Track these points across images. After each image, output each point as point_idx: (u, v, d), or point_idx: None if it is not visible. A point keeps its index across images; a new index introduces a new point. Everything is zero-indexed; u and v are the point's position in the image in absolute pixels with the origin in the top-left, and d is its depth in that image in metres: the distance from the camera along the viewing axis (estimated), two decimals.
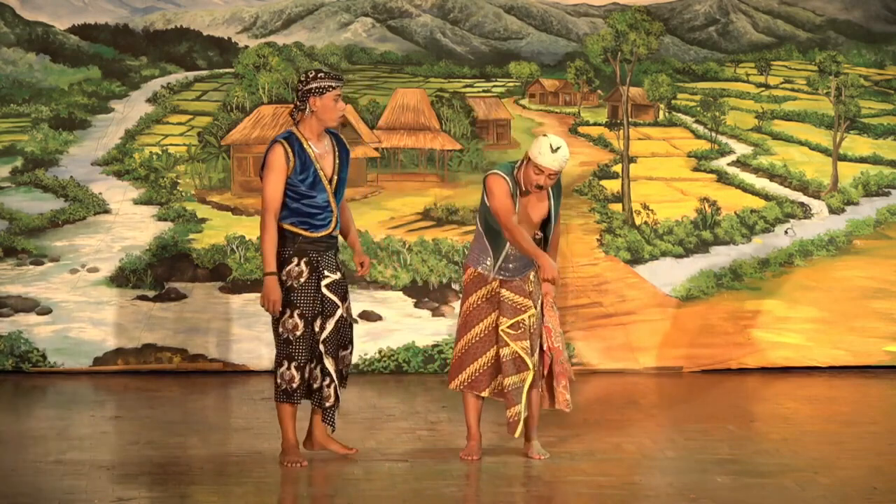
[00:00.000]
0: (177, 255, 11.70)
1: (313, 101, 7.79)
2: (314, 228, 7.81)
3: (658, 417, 9.83)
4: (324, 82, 7.80)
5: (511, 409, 8.01)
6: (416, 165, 12.12)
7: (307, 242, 7.81)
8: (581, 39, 12.28)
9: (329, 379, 7.80)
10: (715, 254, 12.13)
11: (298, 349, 7.77)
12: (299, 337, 7.77)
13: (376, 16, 12.22)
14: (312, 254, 7.82)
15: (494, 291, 8.09)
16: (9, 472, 7.63)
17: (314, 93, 7.79)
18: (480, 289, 8.13)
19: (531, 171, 7.97)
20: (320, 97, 7.79)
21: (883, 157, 12.40)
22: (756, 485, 7.48)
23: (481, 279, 8.13)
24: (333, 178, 7.88)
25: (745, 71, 12.49)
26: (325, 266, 7.86)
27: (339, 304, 7.85)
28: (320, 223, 7.83)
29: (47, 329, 11.52)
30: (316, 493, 7.22)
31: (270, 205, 7.77)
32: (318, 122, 7.85)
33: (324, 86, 7.80)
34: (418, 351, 11.74)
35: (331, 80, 7.83)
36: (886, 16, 12.57)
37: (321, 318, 7.81)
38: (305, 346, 7.77)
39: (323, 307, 7.82)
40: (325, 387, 7.81)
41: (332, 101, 7.81)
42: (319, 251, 7.84)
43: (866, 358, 12.04)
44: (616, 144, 12.21)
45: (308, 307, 7.78)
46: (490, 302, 8.09)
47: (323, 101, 7.80)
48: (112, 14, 11.93)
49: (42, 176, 11.72)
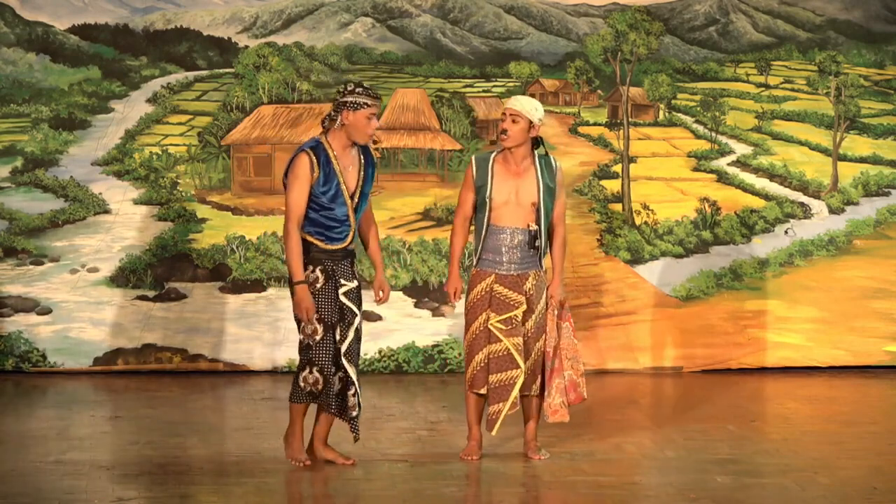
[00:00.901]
0: (177, 255, 11.70)
1: (346, 114, 7.73)
2: (330, 241, 7.79)
3: (658, 417, 9.83)
4: (360, 98, 7.74)
5: (492, 405, 8.00)
6: (416, 165, 12.12)
7: (322, 252, 7.79)
8: (581, 39, 12.28)
9: (353, 388, 7.77)
10: (715, 254, 12.13)
11: (318, 353, 7.73)
12: (319, 342, 7.74)
13: (376, 16, 12.22)
14: (328, 262, 7.80)
15: (489, 287, 8.10)
16: (9, 472, 7.63)
17: (349, 106, 7.73)
18: (477, 285, 8.16)
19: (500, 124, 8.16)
20: (354, 112, 7.73)
21: (883, 157, 12.40)
22: (756, 485, 7.48)
23: (478, 276, 8.16)
24: (356, 193, 7.84)
25: (745, 71, 12.49)
26: (342, 274, 7.83)
27: (357, 312, 7.83)
28: (337, 236, 7.80)
29: (47, 329, 11.52)
30: (316, 493, 7.22)
31: (293, 213, 7.73)
32: (348, 137, 7.79)
33: (359, 102, 7.74)
34: (418, 351, 11.74)
35: (367, 97, 7.76)
36: (886, 16, 12.57)
37: (341, 327, 7.78)
38: (325, 351, 7.74)
39: (342, 315, 7.78)
40: (350, 396, 7.78)
41: (364, 118, 7.74)
42: (335, 260, 7.82)
43: (866, 358, 12.04)
44: (616, 144, 12.21)
45: (327, 313, 7.75)
46: (484, 299, 8.10)
47: (356, 116, 7.74)
48: (112, 14, 11.93)
49: (42, 176, 11.72)
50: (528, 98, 8.19)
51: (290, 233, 7.72)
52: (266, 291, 11.73)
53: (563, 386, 8.15)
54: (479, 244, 8.16)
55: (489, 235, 8.12)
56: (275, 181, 11.87)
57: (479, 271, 8.15)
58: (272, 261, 11.72)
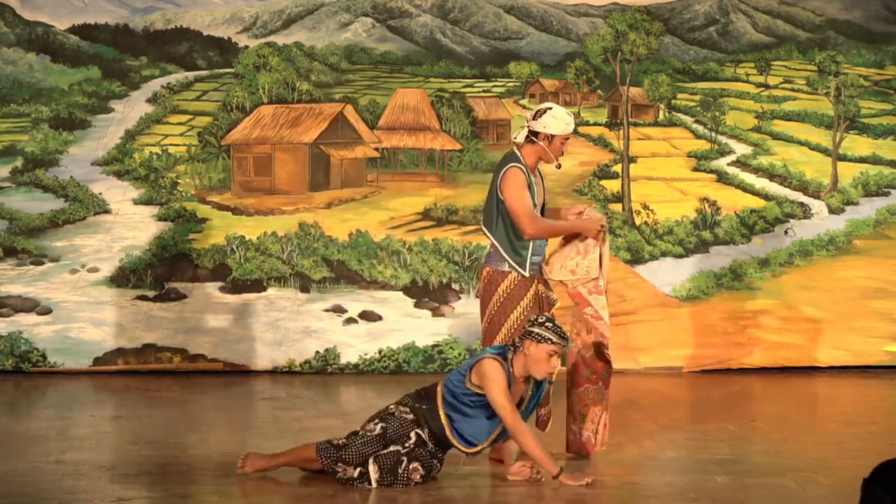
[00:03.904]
0: (177, 255, 11.70)
1: (529, 344, 7.42)
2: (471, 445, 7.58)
3: (658, 417, 9.82)
4: (546, 333, 7.41)
5: (543, 408, 8.01)
6: (416, 165, 12.12)
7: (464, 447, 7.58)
8: (581, 39, 12.28)
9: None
10: (715, 254, 12.14)
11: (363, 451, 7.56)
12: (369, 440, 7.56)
13: (376, 16, 12.22)
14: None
15: (536, 291, 8.01)
16: (9, 472, 7.62)
17: (533, 337, 7.42)
18: (528, 291, 7.97)
19: (559, 146, 7.97)
20: (537, 344, 7.42)
21: (883, 157, 12.40)
22: (756, 485, 7.47)
23: (527, 282, 7.96)
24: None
25: (745, 71, 12.49)
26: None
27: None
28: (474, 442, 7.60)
29: (47, 329, 11.52)
30: (316, 494, 7.21)
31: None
32: (525, 367, 7.47)
33: (544, 336, 7.41)
34: (418, 351, 11.74)
35: (555, 335, 7.42)
36: (886, 16, 12.57)
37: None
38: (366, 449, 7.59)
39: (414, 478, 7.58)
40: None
41: (546, 353, 7.41)
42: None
43: (866, 358, 12.04)
44: (616, 144, 12.21)
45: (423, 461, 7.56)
46: (536, 308, 7.95)
47: (538, 349, 7.42)
48: (112, 14, 11.93)
49: (42, 176, 11.72)
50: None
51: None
52: (266, 291, 11.73)
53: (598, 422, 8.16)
54: (525, 249, 8.00)
55: (536, 252, 8.05)
56: (274, 181, 11.88)
57: (525, 278, 7.95)
58: (272, 261, 11.73)
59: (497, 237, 7.96)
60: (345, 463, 7.33)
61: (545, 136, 7.97)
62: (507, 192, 7.91)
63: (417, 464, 7.30)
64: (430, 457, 7.38)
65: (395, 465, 7.27)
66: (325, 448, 7.39)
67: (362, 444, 7.36)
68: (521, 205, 7.89)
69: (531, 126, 8.01)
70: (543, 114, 7.99)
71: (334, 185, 12.00)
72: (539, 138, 7.98)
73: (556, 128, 7.95)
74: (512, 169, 7.95)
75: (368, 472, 7.28)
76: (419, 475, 7.29)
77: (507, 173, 7.93)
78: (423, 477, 7.30)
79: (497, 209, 7.96)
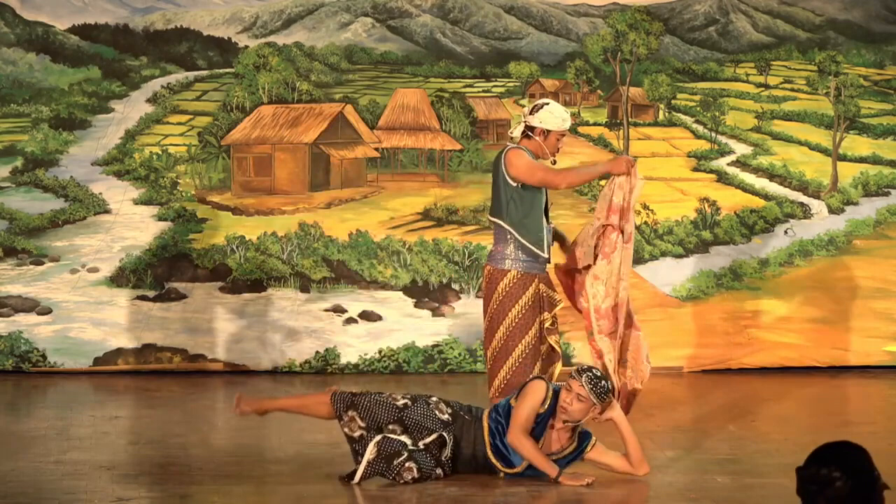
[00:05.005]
0: (177, 255, 11.70)
1: (565, 395, 7.33)
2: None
3: (658, 417, 9.82)
4: (588, 385, 7.31)
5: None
6: (416, 165, 12.12)
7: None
8: (581, 39, 12.28)
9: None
10: (715, 254, 12.14)
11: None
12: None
13: (376, 16, 12.22)
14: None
15: (537, 289, 7.98)
16: (9, 472, 7.62)
17: (567, 387, 7.34)
18: (528, 289, 7.92)
19: (555, 142, 7.95)
20: (568, 392, 7.33)
21: (883, 157, 12.40)
22: (756, 485, 7.47)
23: (525, 280, 7.92)
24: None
25: (744, 71, 12.49)
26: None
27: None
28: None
29: (47, 329, 11.52)
30: (316, 493, 7.21)
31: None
32: (569, 415, 7.40)
33: (582, 394, 7.32)
34: (418, 351, 11.74)
35: (594, 391, 7.34)
36: (886, 16, 12.57)
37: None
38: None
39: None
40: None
41: (577, 399, 7.31)
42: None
43: (866, 358, 12.04)
44: (616, 144, 12.21)
45: (425, 467, 7.47)
46: (535, 307, 7.92)
47: (570, 396, 7.34)
48: (112, 14, 11.94)
49: (42, 176, 11.73)
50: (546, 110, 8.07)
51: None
52: (266, 291, 11.73)
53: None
54: (539, 228, 7.93)
55: (548, 233, 8.04)
56: (274, 181, 11.89)
57: (525, 274, 7.91)
58: (272, 261, 11.73)
59: (510, 221, 7.87)
60: (355, 410, 7.37)
61: (541, 131, 7.94)
62: (518, 168, 7.82)
63: (414, 465, 7.28)
64: (435, 464, 7.36)
65: (393, 456, 7.25)
66: (341, 394, 7.46)
67: (378, 403, 7.41)
68: (537, 167, 7.84)
69: (527, 121, 7.96)
70: (540, 109, 7.96)
71: (334, 185, 12.00)
72: (535, 133, 7.95)
73: (553, 123, 7.92)
74: (511, 150, 7.90)
75: (367, 445, 7.28)
76: (411, 476, 7.26)
77: (508, 154, 7.86)
78: (416, 480, 7.28)
79: (505, 193, 7.90)
